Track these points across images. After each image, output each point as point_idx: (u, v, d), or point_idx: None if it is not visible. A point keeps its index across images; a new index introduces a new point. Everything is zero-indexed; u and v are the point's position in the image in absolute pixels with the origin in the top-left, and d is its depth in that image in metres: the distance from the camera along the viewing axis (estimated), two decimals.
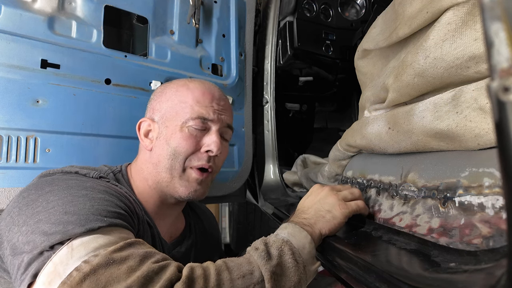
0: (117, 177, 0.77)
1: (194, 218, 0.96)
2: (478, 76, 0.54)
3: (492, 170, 0.48)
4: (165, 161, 0.74)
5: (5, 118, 0.86)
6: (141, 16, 1.13)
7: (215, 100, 0.78)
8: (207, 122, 0.76)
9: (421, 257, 0.52)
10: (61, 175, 0.67)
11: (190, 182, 0.76)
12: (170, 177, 0.75)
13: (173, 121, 0.76)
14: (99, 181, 0.67)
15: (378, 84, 0.80)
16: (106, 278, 0.46)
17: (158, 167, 0.75)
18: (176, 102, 0.77)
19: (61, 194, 0.57)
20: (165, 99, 0.79)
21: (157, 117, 0.79)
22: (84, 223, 0.52)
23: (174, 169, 0.74)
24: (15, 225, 0.55)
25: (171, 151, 0.74)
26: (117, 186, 0.71)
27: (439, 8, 0.57)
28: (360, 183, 0.86)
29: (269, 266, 0.54)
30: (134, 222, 0.64)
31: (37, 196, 0.58)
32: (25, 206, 0.57)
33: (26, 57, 0.89)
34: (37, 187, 0.61)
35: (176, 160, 0.74)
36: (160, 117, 0.78)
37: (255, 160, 1.48)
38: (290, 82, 1.74)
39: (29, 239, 0.51)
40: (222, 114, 0.79)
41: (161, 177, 0.75)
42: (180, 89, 0.78)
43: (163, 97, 0.80)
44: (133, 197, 0.72)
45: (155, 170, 0.76)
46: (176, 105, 0.77)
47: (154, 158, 0.76)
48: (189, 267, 0.51)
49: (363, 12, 1.56)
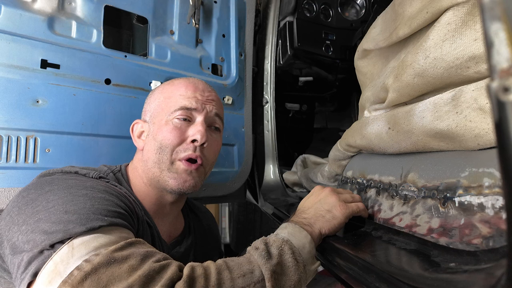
0: (116, 176, 0.78)
1: (193, 218, 0.96)
2: (478, 76, 0.54)
3: (492, 170, 0.48)
4: (153, 156, 0.76)
5: (5, 118, 0.86)
6: (141, 16, 1.13)
7: (198, 91, 0.80)
8: (190, 111, 0.77)
9: (421, 257, 0.52)
10: (61, 175, 0.67)
11: (179, 173, 0.76)
12: (159, 171, 0.75)
13: (159, 117, 0.78)
14: (99, 181, 0.68)
15: (378, 84, 0.80)
16: (108, 277, 0.46)
17: (148, 163, 0.77)
18: (161, 99, 0.80)
19: (61, 194, 0.57)
20: (153, 99, 0.83)
21: (147, 117, 0.82)
22: (84, 222, 0.52)
23: (162, 162, 0.75)
24: (15, 224, 0.55)
25: (157, 145, 0.76)
26: (116, 186, 0.71)
27: (439, 8, 0.57)
28: (360, 183, 0.86)
29: (269, 265, 0.54)
30: (134, 222, 0.65)
31: (37, 195, 0.58)
32: (25, 205, 0.57)
33: (26, 57, 0.89)
34: (36, 186, 0.61)
35: (163, 153, 0.75)
36: (150, 117, 0.81)
37: (255, 160, 1.48)
38: (290, 82, 1.74)
39: (29, 238, 0.51)
40: (207, 103, 0.80)
41: (151, 173, 0.76)
42: (166, 87, 0.83)
43: (152, 98, 0.84)
44: (132, 197, 0.72)
45: (146, 167, 0.77)
46: (162, 102, 0.80)
47: (144, 155, 0.78)
48: (190, 266, 0.51)
49: (363, 12, 1.56)
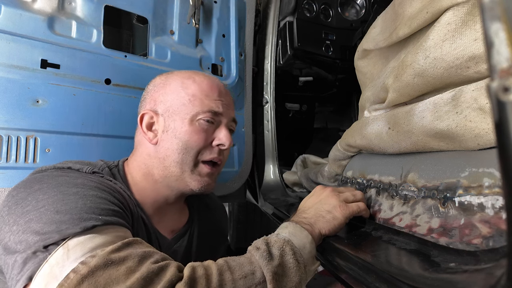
0: (112, 172, 0.74)
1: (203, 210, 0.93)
2: (478, 76, 0.54)
3: (492, 170, 0.48)
4: (174, 155, 0.73)
5: (5, 118, 0.86)
6: (141, 16, 1.13)
7: (222, 95, 0.78)
8: (216, 115, 0.76)
9: (421, 257, 0.52)
10: (52, 171, 0.65)
11: (202, 176, 0.75)
12: (180, 171, 0.73)
13: (181, 114, 0.74)
14: (91, 177, 0.65)
15: (378, 84, 0.80)
16: (105, 280, 0.45)
17: (166, 161, 0.73)
18: (183, 94, 0.75)
19: (51, 193, 0.55)
20: (169, 91, 0.76)
21: (160, 109, 0.76)
22: (77, 223, 0.50)
23: (185, 163, 0.73)
24: (6, 224, 0.53)
25: (182, 145, 0.72)
26: (111, 181, 0.69)
27: (439, 8, 0.57)
28: (360, 183, 0.86)
29: (271, 266, 0.53)
30: (129, 218, 0.63)
31: (26, 194, 0.56)
32: (14, 205, 0.55)
33: (26, 57, 0.89)
34: (26, 185, 0.59)
35: (188, 154, 0.73)
36: (165, 110, 0.75)
37: (255, 160, 1.48)
38: (290, 82, 1.74)
39: (21, 239, 0.50)
40: (229, 108, 0.80)
41: (169, 172, 0.74)
42: (186, 82, 0.77)
43: (167, 89, 0.77)
44: (127, 193, 0.70)
45: (162, 165, 0.74)
46: (183, 98, 0.75)
47: (161, 152, 0.74)
48: (191, 267, 0.50)
49: (363, 12, 1.56)
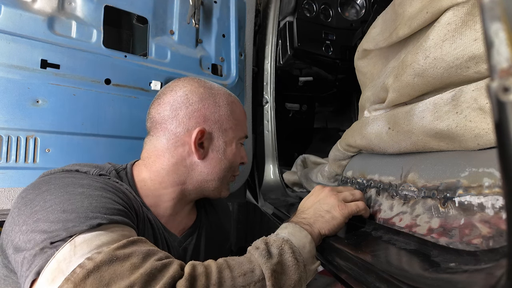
0: (120, 174, 0.76)
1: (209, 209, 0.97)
2: (478, 76, 0.54)
3: (492, 170, 0.48)
4: (220, 172, 0.80)
5: (5, 118, 0.86)
6: (141, 16, 1.13)
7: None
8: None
9: (421, 257, 0.52)
10: (60, 173, 0.67)
11: (229, 185, 0.87)
12: (220, 184, 0.82)
13: (228, 135, 0.80)
14: (97, 178, 0.67)
15: (378, 84, 0.80)
16: (110, 275, 0.46)
17: (209, 176, 0.79)
18: (231, 118, 0.81)
19: (58, 193, 0.58)
20: (217, 109, 0.79)
21: (208, 127, 0.77)
22: (84, 221, 0.52)
23: (226, 178, 0.83)
24: (16, 224, 0.56)
25: (228, 164, 0.81)
26: (117, 183, 0.70)
27: (439, 8, 0.57)
28: (360, 183, 0.86)
29: (270, 264, 0.54)
30: (134, 218, 0.64)
31: (34, 195, 0.59)
32: (24, 206, 0.57)
33: (26, 57, 0.89)
34: (34, 187, 0.62)
35: (229, 171, 0.83)
36: (216, 129, 0.78)
37: (255, 160, 1.48)
38: (290, 82, 1.74)
39: (30, 238, 0.52)
40: None
41: (208, 185, 0.80)
42: (233, 105, 0.83)
43: (215, 107, 0.79)
44: (133, 194, 0.71)
45: (201, 178, 0.79)
46: (231, 122, 0.81)
47: (206, 168, 0.78)
48: (191, 265, 0.52)
49: (363, 12, 1.56)
